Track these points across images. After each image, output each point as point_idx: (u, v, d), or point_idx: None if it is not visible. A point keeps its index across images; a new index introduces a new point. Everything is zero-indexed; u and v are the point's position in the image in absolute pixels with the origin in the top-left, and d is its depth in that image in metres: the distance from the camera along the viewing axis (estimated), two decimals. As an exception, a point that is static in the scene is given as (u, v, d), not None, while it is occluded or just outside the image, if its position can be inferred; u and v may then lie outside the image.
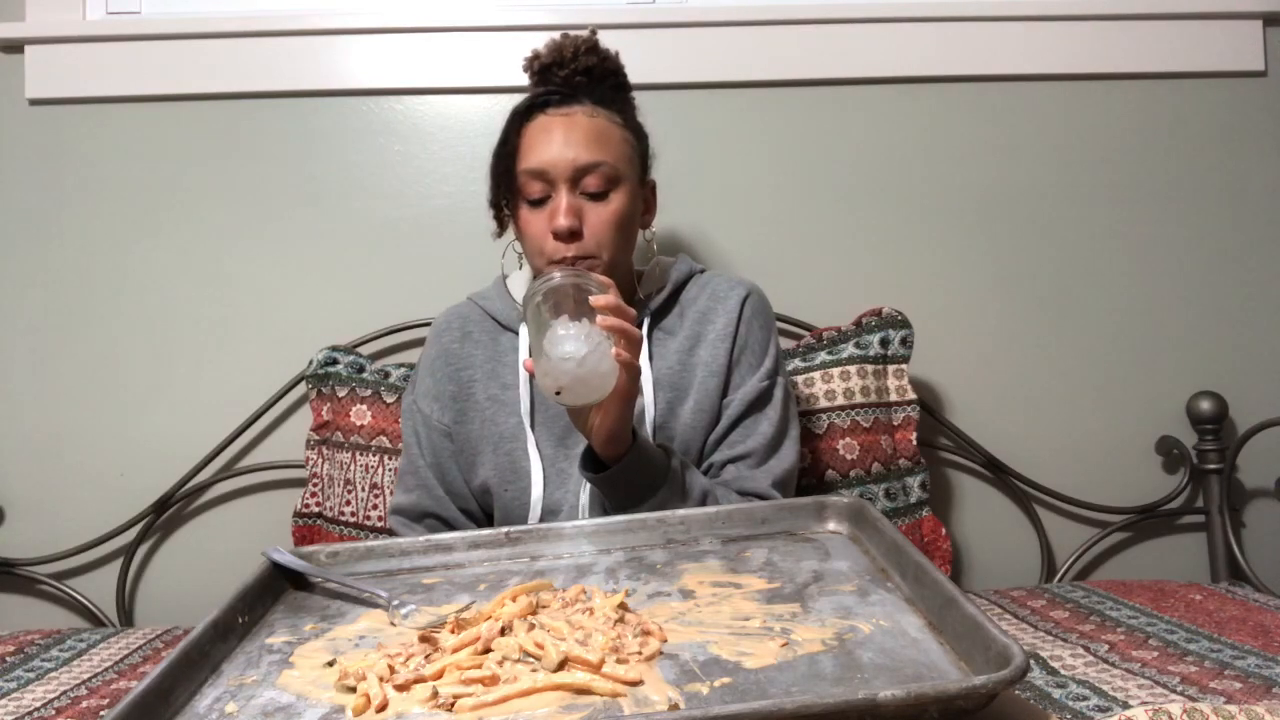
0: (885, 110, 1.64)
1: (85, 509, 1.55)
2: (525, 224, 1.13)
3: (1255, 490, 1.64)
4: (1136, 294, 1.65)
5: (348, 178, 1.60)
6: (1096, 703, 0.89)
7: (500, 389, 1.18)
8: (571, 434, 1.15)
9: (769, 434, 1.16)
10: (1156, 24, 1.65)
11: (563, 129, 1.10)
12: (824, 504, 0.88)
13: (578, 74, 1.15)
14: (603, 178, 1.10)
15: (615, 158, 1.12)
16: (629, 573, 0.80)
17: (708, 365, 1.17)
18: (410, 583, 0.83)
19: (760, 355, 1.18)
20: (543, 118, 1.12)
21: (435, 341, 1.23)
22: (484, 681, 0.60)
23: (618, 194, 1.12)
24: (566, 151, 1.09)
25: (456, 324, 1.23)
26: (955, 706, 0.50)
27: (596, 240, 1.10)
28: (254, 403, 1.56)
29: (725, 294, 1.20)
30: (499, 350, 1.20)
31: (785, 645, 0.62)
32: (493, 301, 1.23)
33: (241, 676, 0.66)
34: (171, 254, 1.59)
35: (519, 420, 1.15)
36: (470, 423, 1.18)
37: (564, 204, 1.09)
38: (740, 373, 1.18)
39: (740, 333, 1.18)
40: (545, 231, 1.10)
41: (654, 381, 1.15)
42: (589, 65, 1.16)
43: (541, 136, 1.11)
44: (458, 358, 1.20)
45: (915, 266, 1.63)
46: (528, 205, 1.12)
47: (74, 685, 1.12)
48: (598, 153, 1.10)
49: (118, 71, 1.58)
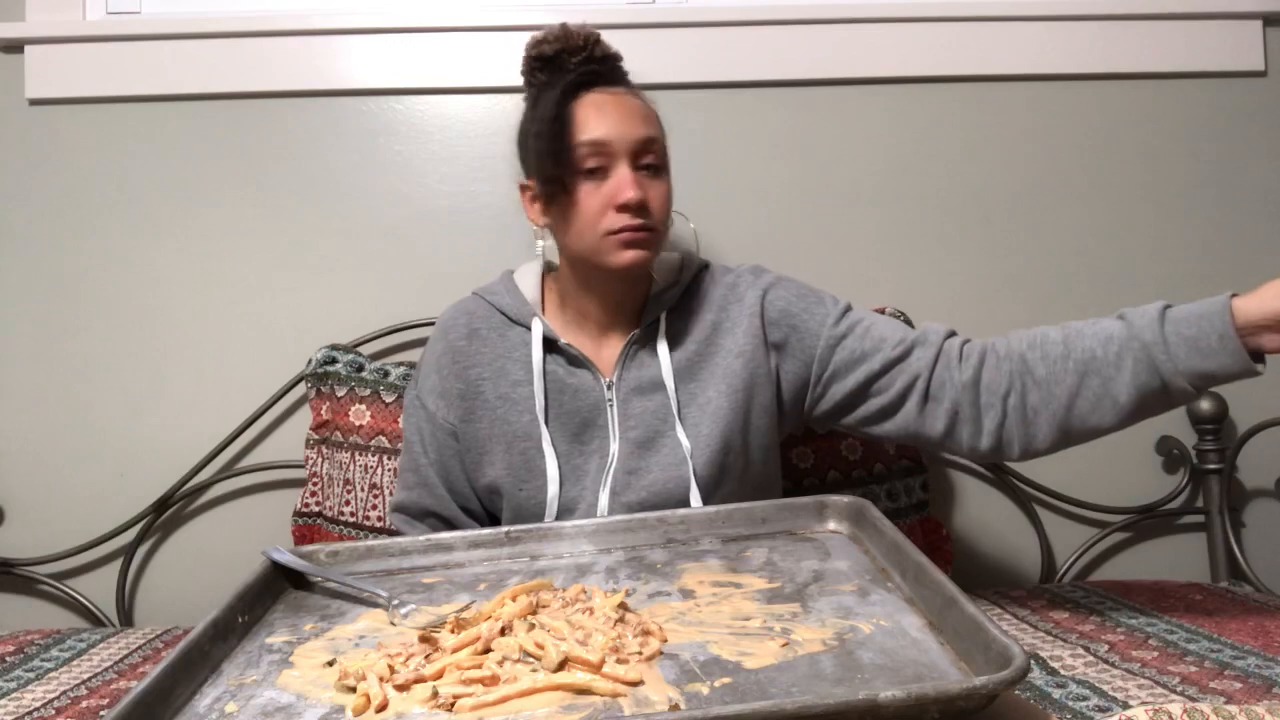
0: (886, 110, 1.64)
1: (85, 509, 1.55)
2: (583, 199, 1.09)
3: (1255, 490, 1.64)
4: (1137, 294, 1.65)
5: (348, 178, 1.60)
6: (1096, 703, 0.89)
7: (510, 386, 1.15)
8: (587, 429, 1.13)
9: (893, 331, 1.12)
10: (1156, 24, 1.65)
11: (615, 105, 1.09)
12: (824, 504, 0.88)
13: (594, 60, 1.13)
14: (657, 154, 1.11)
15: (662, 137, 1.13)
16: (629, 572, 0.80)
17: (730, 349, 1.15)
18: (410, 582, 0.83)
19: (817, 304, 1.16)
20: (592, 94, 1.10)
21: (441, 338, 1.20)
22: (484, 681, 0.60)
23: (667, 174, 1.13)
24: (626, 125, 1.08)
25: (463, 320, 1.20)
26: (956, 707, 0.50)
27: (656, 214, 1.09)
28: (254, 403, 1.56)
29: (746, 283, 1.18)
30: (508, 346, 1.17)
31: (785, 645, 0.62)
32: (501, 296, 1.20)
33: (241, 676, 0.66)
34: (172, 254, 1.59)
35: (532, 418, 1.13)
36: (478, 421, 1.16)
37: (630, 176, 1.07)
38: (811, 331, 1.15)
39: (768, 303, 1.16)
40: (604, 206, 1.07)
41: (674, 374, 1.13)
42: (608, 53, 1.15)
43: (595, 111, 1.09)
44: (465, 355, 1.18)
45: (915, 266, 1.63)
46: (585, 178, 1.08)
47: (74, 685, 1.12)
48: (651, 129, 1.10)
49: (118, 71, 1.58)
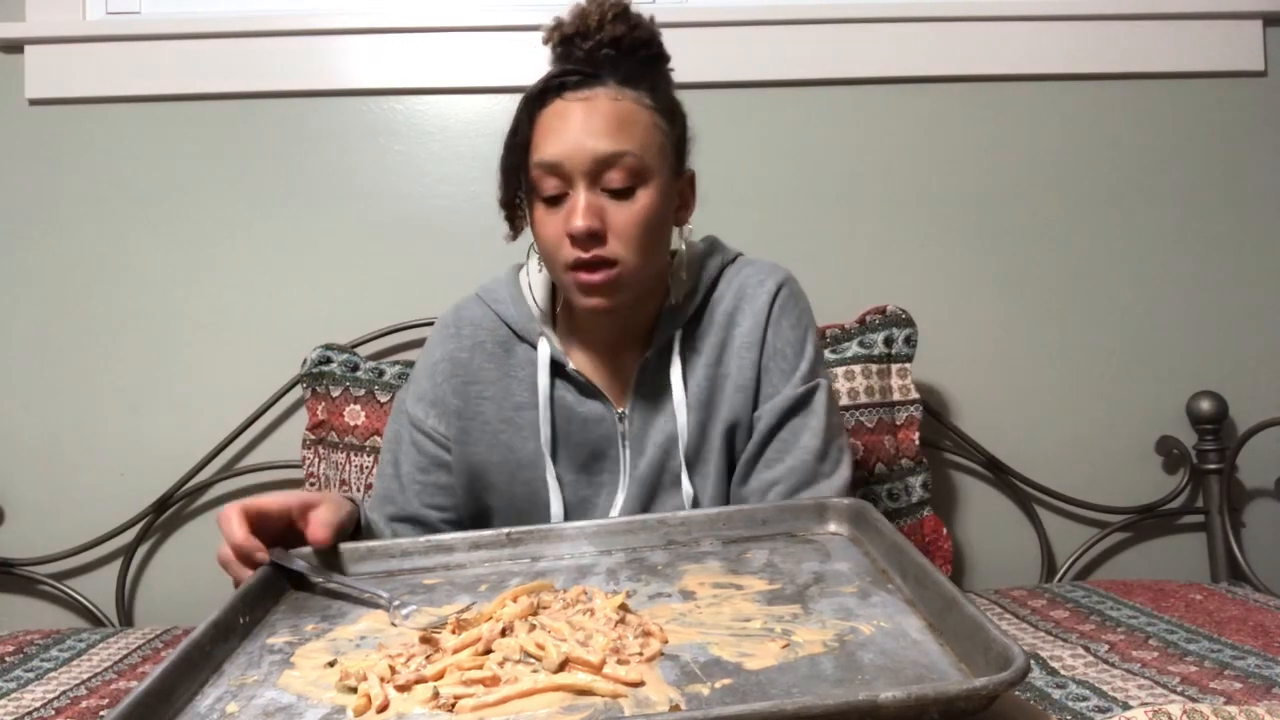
0: (887, 109, 1.64)
1: (85, 509, 1.55)
2: (539, 225, 0.98)
3: (1255, 490, 1.64)
4: (1136, 294, 1.65)
5: (347, 178, 1.60)
6: (1096, 703, 0.89)
7: (514, 410, 1.05)
8: (596, 461, 1.05)
9: (813, 447, 1.01)
10: (1157, 24, 1.65)
11: (582, 114, 0.95)
12: (825, 505, 0.87)
13: (604, 45, 0.98)
14: (627, 171, 0.95)
15: (642, 147, 0.96)
16: (630, 574, 0.80)
17: (734, 379, 1.04)
18: (411, 583, 0.83)
19: (794, 359, 1.04)
20: (559, 102, 0.96)
21: (440, 344, 1.09)
22: (485, 682, 0.60)
23: (646, 190, 0.96)
24: (585, 141, 0.94)
25: (468, 331, 1.08)
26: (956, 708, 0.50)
27: (621, 243, 0.95)
28: (254, 403, 1.56)
29: (753, 291, 1.06)
30: (513, 364, 1.07)
31: (786, 646, 0.62)
32: (506, 306, 1.09)
33: (243, 676, 0.66)
34: (171, 254, 1.59)
35: (536, 447, 1.04)
36: (475, 444, 1.06)
37: (582, 203, 0.94)
38: (770, 382, 1.04)
39: (768, 338, 1.05)
40: (561, 234, 0.96)
41: (686, 404, 1.03)
42: (617, 35, 0.98)
43: (557, 124, 0.95)
44: (466, 369, 1.07)
45: (915, 265, 1.63)
46: (542, 203, 0.97)
47: (74, 685, 1.12)
48: (621, 141, 0.94)
49: (117, 71, 1.58)
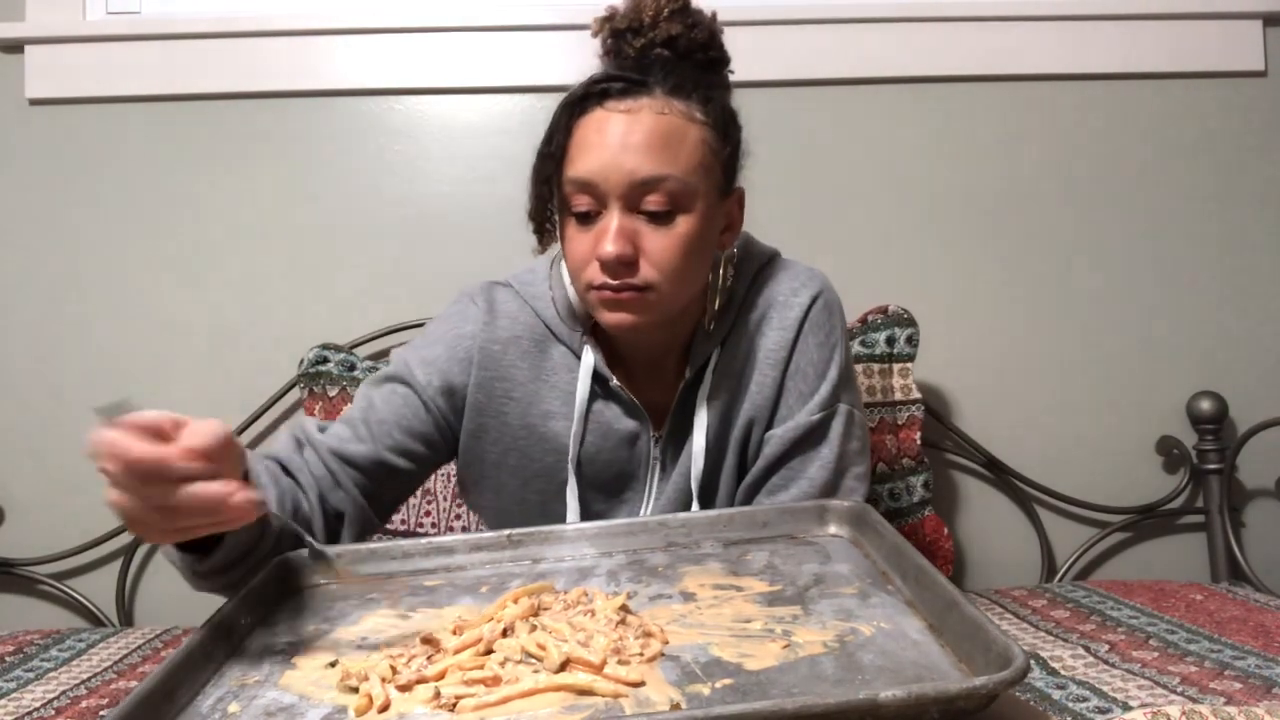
0: (890, 109, 1.64)
1: (85, 509, 1.55)
2: (569, 241, 0.91)
3: (1255, 490, 1.64)
4: (1137, 294, 1.65)
5: (348, 178, 1.60)
6: (1096, 704, 0.89)
7: (541, 418, 0.98)
8: (622, 480, 0.98)
9: (820, 480, 0.94)
10: (1156, 24, 1.65)
11: (623, 128, 0.86)
12: (825, 508, 0.87)
13: (656, 44, 0.89)
14: (667, 196, 0.86)
15: (686, 169, 0.87)
16: (630, 575, 0.80)
17: (753, 397, 0.97)
18: (412, 584, 0.83)
19: (814, 380, 0.96)
20: (600, 111, 0.88)
21: (470, 322, 0.99)
22: (486, 682, 0.60)
23: (687, 217, 0.88)
24: (624, 159, 0.85)
25: (504, 324, 0.98)
26: (956, 707, 0.50)
27: (656, 270, 0.87)
28: (253, 403, 1.56)
29: (785, 300, 0.98)
30: (545, 368, 0.98)
31: (786, 647, 0.62)
32: (546, 305, 0.99)
33: (244, 677, 0.66)
34: (171, 254, 1.59)
35: (559, 460, 0.97)
36: (486, 441, 0.99)
37: (614, 227, 0.86)
38: (787, 404, 0.96)
39: (794, 355, 0.96)
40: (591, 255, 0.88)
41: (705, 439, 0.96)
42: (672, 34, 0.89)
43: (595, 137, 0.87)
44: (496, 365, 0.97)
45: (916, 265, 1.63)
46: (574, 219, 0.89)
47: (74, 685, 1.12)
48: (664, 163, 0.86)
49: (118, 71, 1.58)
